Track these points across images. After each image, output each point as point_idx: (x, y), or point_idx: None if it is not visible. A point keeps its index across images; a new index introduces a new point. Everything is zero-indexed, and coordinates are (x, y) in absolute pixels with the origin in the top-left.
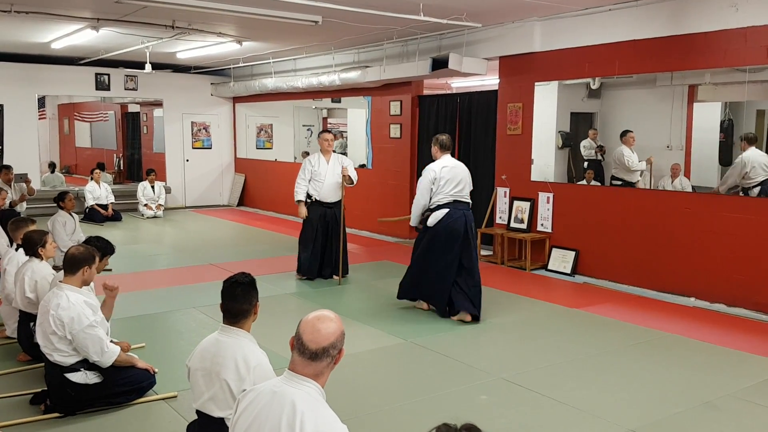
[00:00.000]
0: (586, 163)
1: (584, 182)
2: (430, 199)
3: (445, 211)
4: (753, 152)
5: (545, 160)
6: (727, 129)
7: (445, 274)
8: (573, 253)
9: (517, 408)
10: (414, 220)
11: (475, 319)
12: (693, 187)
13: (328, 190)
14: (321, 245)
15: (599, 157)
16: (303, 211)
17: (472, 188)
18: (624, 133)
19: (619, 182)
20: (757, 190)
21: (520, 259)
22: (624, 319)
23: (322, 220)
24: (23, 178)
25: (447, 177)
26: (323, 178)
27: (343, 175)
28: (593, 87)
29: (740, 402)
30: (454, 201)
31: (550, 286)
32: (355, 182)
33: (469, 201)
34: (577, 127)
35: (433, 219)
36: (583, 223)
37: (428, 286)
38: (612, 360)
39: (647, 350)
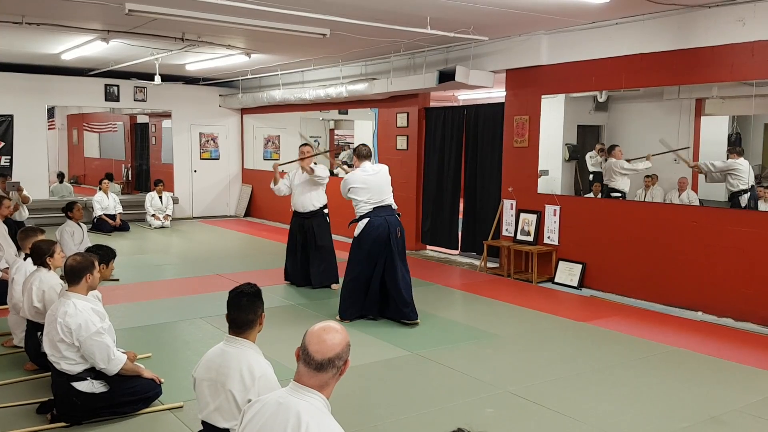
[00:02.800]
0: (591, 176)
1: (591, 195)
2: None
3: (366, 220)
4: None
5: (552, 172)
6: (734, 143)
7: (365, 283)
8: (580, 266)
9: (524, 422)
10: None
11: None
12: (700, 201)
13: (299, 200)
14: (303, 255)
15: (602, 167)
16: (276, 176)
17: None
18: (612, 148)
19: (619, 194)
20: (746, 196)
21: (527, 271)
22: (631, 333)
23: (301, 230)
24: (15, 186)
25: (357, 185)
26: (295, 188)
27: (303, 168)
28: (600, 100)
29: (747, 417)
30: (374, 208)
31: (557, 299)
32: (318, 175)
33: (391, 204)
34: (584, 140)
35: (357, 229)
36: (590, 236)
37: (363, 298)
38: (619, 374)
39: (654, 364)
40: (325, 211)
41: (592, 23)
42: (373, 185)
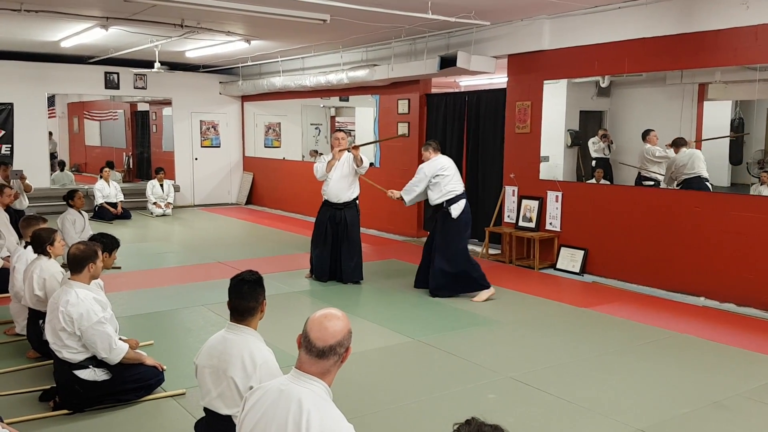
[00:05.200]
0: (594, 162)
1: (593, 181)
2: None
3: (464, 200)
4: (681, 154)
5: (554, 158)
6: (737, 128)
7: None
8: (582, 252)
9: (525, 407)
10: (408, 198)
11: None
12: None
13: (334, 190)
14: (332, 248)
15: (606, 153)
16: (337, 149)
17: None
18: (647, 133)
19: (651, 183)
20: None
21: (529, 258)
22: (633, 319)
23: (332, 222)
24: (18, 174)
25: (452, 171)
26: (330, 176)
27: (354, 156)
28: (603, 85)
29: (749, 402)
30: (463, 191)
31: (559, 285)
32: (365, 166)
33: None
34: (587, 126)
35: (457, 210)
36: (592, 222)
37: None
38: (620, 359)
39: (656, 350)
40: (357, 201)
41: (594, 7)
42: (455, 170)
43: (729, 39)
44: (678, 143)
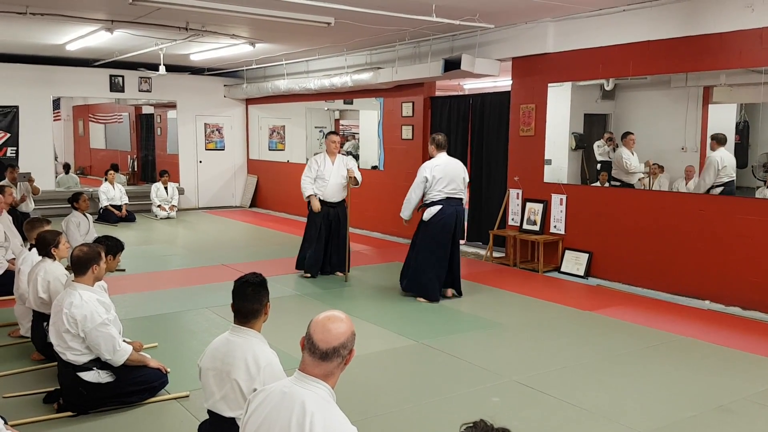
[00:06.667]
0: (599, 165)
1: (598, 184)
2: (424, 195)
3: (439, 207)
4: (722, 152)
5: (558, 161)
6: (742, 131)
7: (438, 267)
8: (586, 255)
9: (529, 410)
10: (405, 214)
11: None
12: (707, 189)
13: (332, 191)
14: (324, 244)
15: (611, 156)
16: (316, 204)
17: (468, 181)
18: (624, 135)
19: (618, 183)
20: (719, 189)
21: (533, 261)
22: (638, 322)
23: (326, 219)
24: (26, 177)
25: (439, 176)
26: (328, 178)
27: (350, 177)
28: (607, 88)
29: (755, 406)
30: (447, 198)
31: (563, 288)
32: (360, 183)
33: (462, 197)
34: (591, 129)
35: (428, 214)
36: (597, 225)
37: (423, 279)
38: (625, 363)
39: (661, 353)
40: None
41: (599, 10)
42: (449, 175)
43: (734, 42)
44: (718, 139)
